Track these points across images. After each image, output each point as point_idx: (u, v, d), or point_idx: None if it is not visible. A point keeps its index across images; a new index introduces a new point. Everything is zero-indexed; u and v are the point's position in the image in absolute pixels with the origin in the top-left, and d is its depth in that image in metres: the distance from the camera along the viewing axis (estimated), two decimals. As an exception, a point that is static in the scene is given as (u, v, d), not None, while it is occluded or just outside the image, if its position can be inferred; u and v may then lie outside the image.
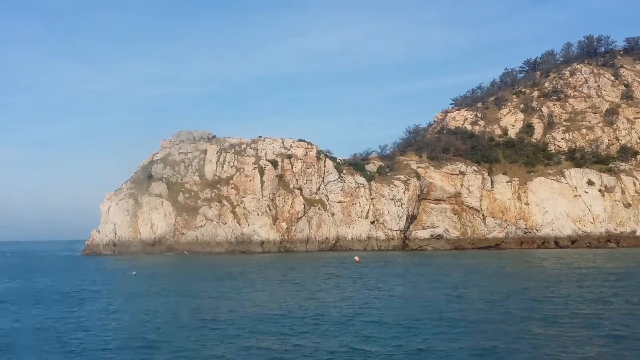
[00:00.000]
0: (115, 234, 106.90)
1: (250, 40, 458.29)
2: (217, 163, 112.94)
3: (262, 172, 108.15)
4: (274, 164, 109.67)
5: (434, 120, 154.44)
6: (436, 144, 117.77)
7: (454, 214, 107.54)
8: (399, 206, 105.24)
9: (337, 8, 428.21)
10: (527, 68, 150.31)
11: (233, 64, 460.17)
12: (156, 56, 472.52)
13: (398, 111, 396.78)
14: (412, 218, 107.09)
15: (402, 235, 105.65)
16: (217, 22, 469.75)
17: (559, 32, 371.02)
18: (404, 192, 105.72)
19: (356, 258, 68.22)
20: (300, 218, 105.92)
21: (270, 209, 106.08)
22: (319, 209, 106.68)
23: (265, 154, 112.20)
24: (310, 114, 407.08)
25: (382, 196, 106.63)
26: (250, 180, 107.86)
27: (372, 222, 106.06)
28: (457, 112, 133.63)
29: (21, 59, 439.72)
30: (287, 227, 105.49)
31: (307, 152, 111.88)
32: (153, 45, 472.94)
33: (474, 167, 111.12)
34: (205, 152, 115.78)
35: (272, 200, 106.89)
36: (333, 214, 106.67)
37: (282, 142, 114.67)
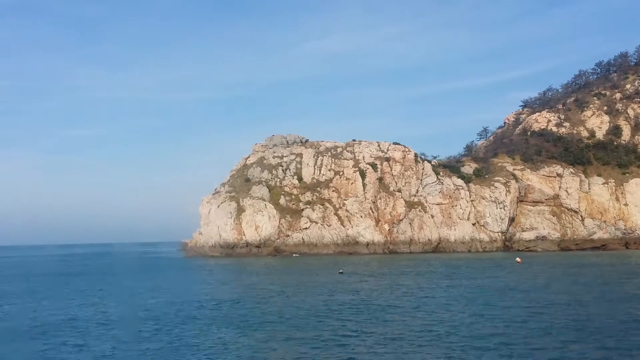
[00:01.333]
0: (220, 236, 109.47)
1: (270, 45, 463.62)
2: (314, 166, 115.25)
3: (363, 175, 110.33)
4: (374, 167, 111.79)
5: (505, 122, 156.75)
6: (526, 147, 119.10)
7: (553, 216, 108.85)
8: (501, 208, 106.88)
9: (355, 11, 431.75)
10: (599, 70, 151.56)
11: (254, 69, 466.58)
12: (178, 62, 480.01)
13: (419, 113, 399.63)
14: (510, 220, 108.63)
15: (503, 237, 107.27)
16: (238, 27, 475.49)
17: (576, 34, 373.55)
18: (506, 194, 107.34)
19: (518, 259, 70.20)
20: (401, 220, 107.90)
21: (372, 211, 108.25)
22: (419, 210, 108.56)
23: (363, 157, 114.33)
24: (332, 116, 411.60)
25: (483, 198, 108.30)
26: (352, 183, 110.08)
27: (473, 224, 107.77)
28: (538, 114, 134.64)
29: (48, 65, 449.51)
30: (389, 229, 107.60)
31: (404, 154, 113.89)
32: (174, 51, 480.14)
33: (571, 170, 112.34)
34: (300, 155, 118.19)
35: (373, 202, 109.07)
36: (432, 216, 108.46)
37: (379, 145, 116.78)
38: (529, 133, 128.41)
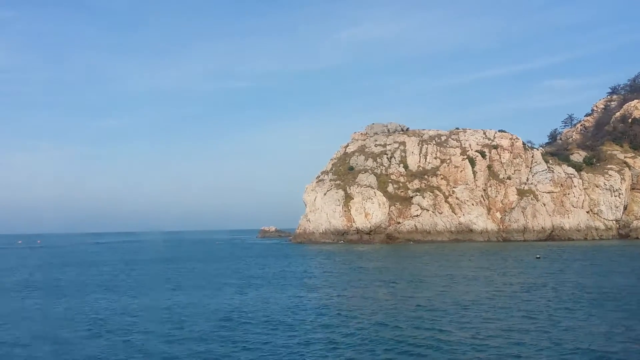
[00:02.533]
0: (330, 223, 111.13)
1: (304, 34, 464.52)
2: (419, 154, 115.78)
3: (472, 162, 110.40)
4: (482, 154, 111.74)
5: (593, 109, 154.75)
6: (633, 134, 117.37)
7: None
8: (616, 196, 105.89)
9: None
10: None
11: (287, 59, 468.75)
12: (213, 52, 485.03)
13: (450, 101, 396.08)
14: (623, 208, 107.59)
15: (617, 225, 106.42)
16: (271, 17, 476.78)
17: (611, 20, 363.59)
18: (621, 182, 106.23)
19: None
20: (513, 208, 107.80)
21: (483, 199, 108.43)
22: (531, 199, 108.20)
23: (470, 145, 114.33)
24: (366, 106, 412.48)
25: (597, 186, 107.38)
26: (461, 171, 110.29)
27: (587, 212, 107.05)
28: (637, 101, 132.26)
29: (87, 58, 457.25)
30: (501, 217, 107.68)
31: (512, 142, 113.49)
32: (210, 41, 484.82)
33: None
34: (403, 143, 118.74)
35: (484, 190, 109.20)
36: (544, 204, 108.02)
37: (484, 133, 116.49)
38: (629, 120, 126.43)
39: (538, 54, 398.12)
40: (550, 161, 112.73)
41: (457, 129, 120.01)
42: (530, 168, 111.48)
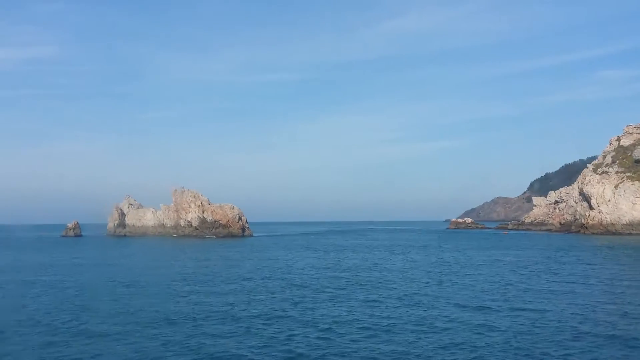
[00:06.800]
0: (632, 215, 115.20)
1: (347, 25, 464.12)
2: None
3: None
4: None
5: None
6: None
7: None
8: None
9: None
10: None
11: (331, 50, 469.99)
12: (255, 43, 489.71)
13: (496, 92, 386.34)
14: None
15: None
16: (313, 8, 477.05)
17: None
18: None
19: None
20: None
21: None
22: None
23: None
24: (411, 96, 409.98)
25: None
26: None
27: None
28: None
29: (131, 51, 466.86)
30: None
31: None
32: (252, 32, 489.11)
33: None
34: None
35: None
36: None
37: None
38: None
39: (592, 42, 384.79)
40: None
41: None
42: None
